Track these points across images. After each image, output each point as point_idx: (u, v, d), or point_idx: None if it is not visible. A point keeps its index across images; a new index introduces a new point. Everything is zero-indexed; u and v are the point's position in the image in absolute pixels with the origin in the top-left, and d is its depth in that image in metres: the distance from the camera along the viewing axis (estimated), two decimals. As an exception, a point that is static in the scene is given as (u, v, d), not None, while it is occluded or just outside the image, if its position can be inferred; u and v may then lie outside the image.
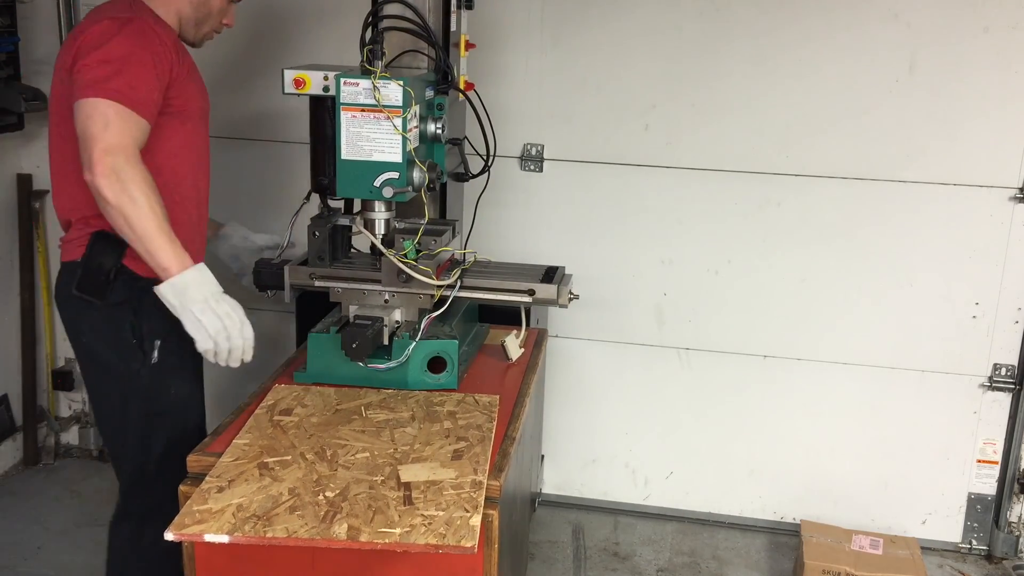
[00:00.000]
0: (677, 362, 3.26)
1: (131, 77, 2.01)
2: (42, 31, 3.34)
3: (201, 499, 1.77)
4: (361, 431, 2.05)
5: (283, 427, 2.06)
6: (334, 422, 2.09)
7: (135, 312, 2.16)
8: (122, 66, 2.00)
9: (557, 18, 3.05)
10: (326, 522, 1.70)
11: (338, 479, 1.84)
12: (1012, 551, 3.18)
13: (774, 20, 2.93)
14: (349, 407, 2.16)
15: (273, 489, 1.80)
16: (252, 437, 2.01)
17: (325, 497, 1.78)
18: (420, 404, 2.19)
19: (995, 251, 2.98)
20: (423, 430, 2.06)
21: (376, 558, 1.90)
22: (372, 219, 2.29)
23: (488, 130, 2.58)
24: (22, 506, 3.31)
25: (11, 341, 3.52)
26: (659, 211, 3.14)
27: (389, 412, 2.15)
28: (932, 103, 2.91)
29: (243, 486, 1.81)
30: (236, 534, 1.66)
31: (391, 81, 2.10)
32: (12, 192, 3.46)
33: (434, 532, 1.68)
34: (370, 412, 2.15)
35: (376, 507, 1.76)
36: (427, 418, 2.12)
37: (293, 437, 2.01)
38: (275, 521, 1.70)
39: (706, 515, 3.35)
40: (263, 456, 1.93)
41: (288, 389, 2.24)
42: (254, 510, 1.73)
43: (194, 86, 2.25)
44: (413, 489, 1.82)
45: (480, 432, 2.06)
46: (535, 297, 2.37)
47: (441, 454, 1.96)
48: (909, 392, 3.12)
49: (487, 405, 2.21)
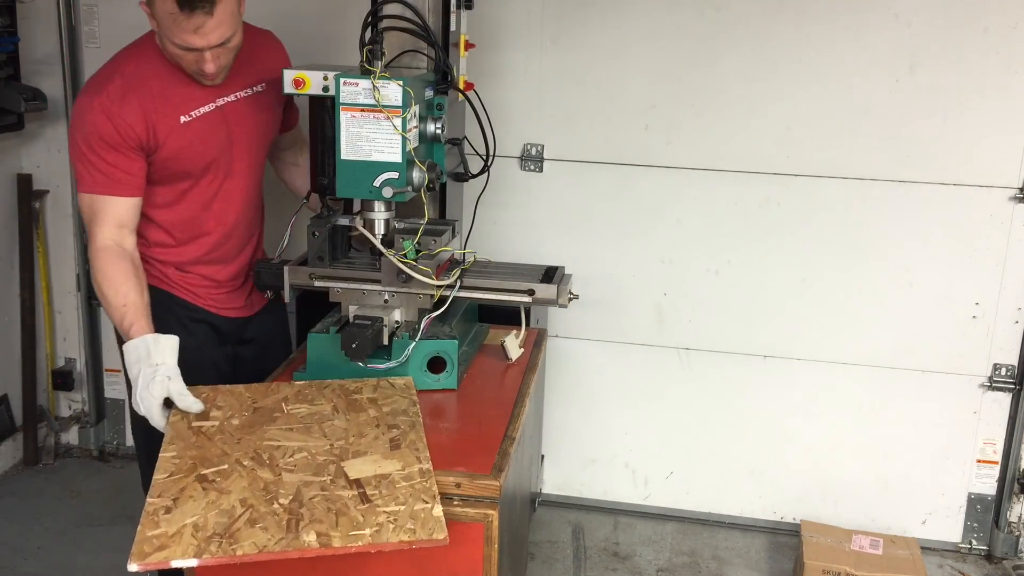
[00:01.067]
0: (677, 362, 3.26)
1: (103, 165, 2.16)
2: (42, 31, 3.34)
3: (152, 523, 1.69)
4: (289, 429, 1.98)
5: (206, 433, 1.96)
6: (257, 422, 2.01)
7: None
8: (91, 157, 2.16)
9: (557, 18, 3.05)
10: (292, 531, 1.67)
11: (286, 484, 1.80)
12: (1012, 551, 3.18)
13: (774, 20, 2.94)
14: (267, 404, 2.08)
15: (223, 503, 1.74)
16: (177, 448, 1.91)
17: (280, 504, 1.74)
18: (337, 393, 2.14)
19: (995, 251, 2.98)
20: (351, 421, 2.02)
21: (376, 559, 1.89)
22: (372, 219, 2.28)
23: (488, 130, 2.58)
24: (22, 506, 3.31)
25: (11, 341, 3.52)
26: (659, 211, 3.14)
27: (309, 405, 2.08)
28: (932, 103, 2.91)
29: (190, 504, 1.74)
30: (205, 556, 1.62)
31: (391, 81, 2.10)
32: (12, 192, 3.46)
33: (403, 528, 1.68)
34: (290, 407, 2.08)
35: (336, 509, 1.73)
36: (350, 408, 2.07)
37: (221, 444, 1.92)
38: (239, 537, 1.66)
39: (706, 515, 3.35)
40: (198, 468, 1.84)
41: (194, 389, 2.07)
42: (212, 528, 1.67)
43: (190, 148, 2.25)
44: (365, 485, 1.80)
45: (408, 417, 2.04)
46: (535, 297, 2.37)
47: (378, 445, 1.93)
48: (909, 392, 3.12)
49: (404, 388, 2.18)
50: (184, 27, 2.05)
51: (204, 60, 2.14)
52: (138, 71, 2.18)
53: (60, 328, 3.61)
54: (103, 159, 2.15)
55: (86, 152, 2.15)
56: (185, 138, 2.23)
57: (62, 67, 3.33)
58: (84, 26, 3.31)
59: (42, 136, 3.45)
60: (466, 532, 1.89)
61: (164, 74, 2.21)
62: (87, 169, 2.16)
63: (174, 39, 2.09)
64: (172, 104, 2.22)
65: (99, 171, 2.16)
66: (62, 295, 3.58)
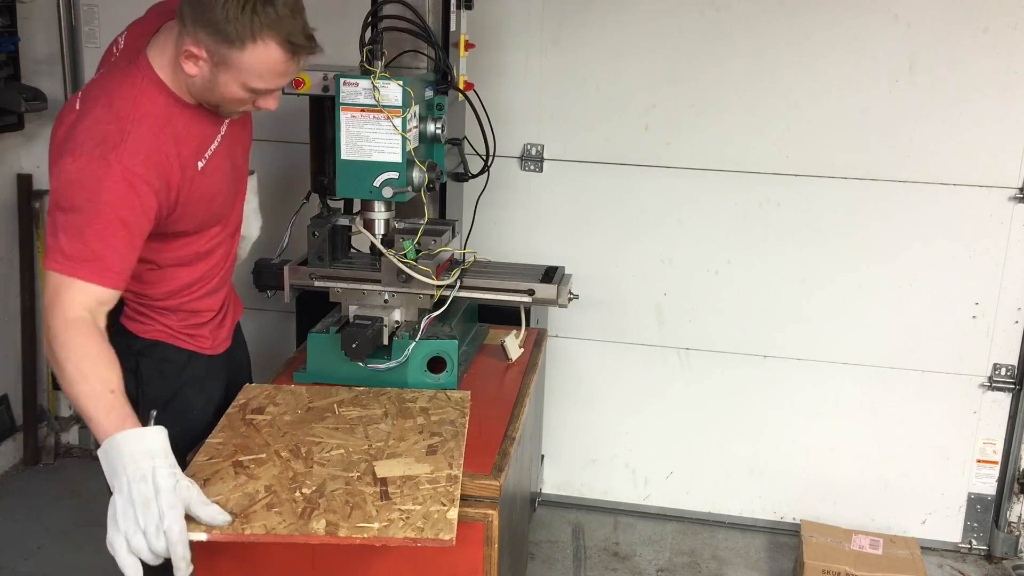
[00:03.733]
0: (677, 362, 3.26)
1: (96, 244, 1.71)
2: (42, 31, 3.34)
3: None
4: (335, 428, 2.04)
5: (256, 425, 2.04)
6: (307, 420, 2.07)
7: (136, 376, 1.97)
8: (89, 234, 1.70)
9: (557, 18, 3.05)
10: (303, 518, 1.71)
11: (314, 476, 1.84)
12: (1012, 551, 3.18)
13: (774, 20, 2.93)
14: (321, 405, 2.15)
15: (249, 487, 1.80)
16: (225, 436, 1.99)
17: (302, 494, 1.78)
18: (393, 401, 2.18)
19: (995, 251, 2.98)
20: (396, 426, 2.05)
21: (377, 559, 1.90)
22: (372, 219, 2.28)
23: (488, 130, 2.58)
24: (22, 506, 3.31)
25: (11, 341, 3.52)
26: (659, 211, 3.14)
27: (362, 409, 2.14)
28: (932, 103, 2.91)
29: (219, 484, 1.80)
30: (214, 532, 1.66)
31: (391, 81, 2.10)
32: (12, 192, 3.46)
33: (412, 526, 1.69)
34: (343, 409, 2.13)
35: (353, 502, 1.76)
36: (400, 414, 2.11)
37: (267, 435, 2.00)
38: (253, 518, 1.70)
39: (706, 515, 3.35)
40: (237, 455, 1.91)
41: (260, 388, 2.21)
42: (231, 508, 1.72)
43: (203, 204, 1.93)
44: (389, 484, 1.82)
45: (453, 427, 2.06)
46: (535, 297, 2.37)
47: (415, 449, 1.95)
48: (909, 392, 3.12)
49: (459, 401, 2.20)
50: (281, 71, 1.80)
51: (272, 98, 1.88)
52: (151, 120, 1.79)
53: (60, 328, 3.60)
54: (104, 239, 1.71)
55: (82, 226, 1.69)
56: (198, 185, 1.90)
57: (62, 67, 3.33)
58: (84, 26, 3.32)
59: (42, 136, 3.45)
60: (466, 532, 1.89)
61: (175, 114, 1.84)
62: (73, 244, 1.69)
63: (255, 84, 1.80)
64: (190, 149, 1.87)
65: (90, 251, 1.69)
66: (62, 295, 3.57)
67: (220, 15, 1.72)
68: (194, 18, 1.75)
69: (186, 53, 1.77)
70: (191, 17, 1.75)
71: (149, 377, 2.01)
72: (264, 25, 1.74)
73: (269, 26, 1.74)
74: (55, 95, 3.35)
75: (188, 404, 2.07)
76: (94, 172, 1.70)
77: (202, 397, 2.11)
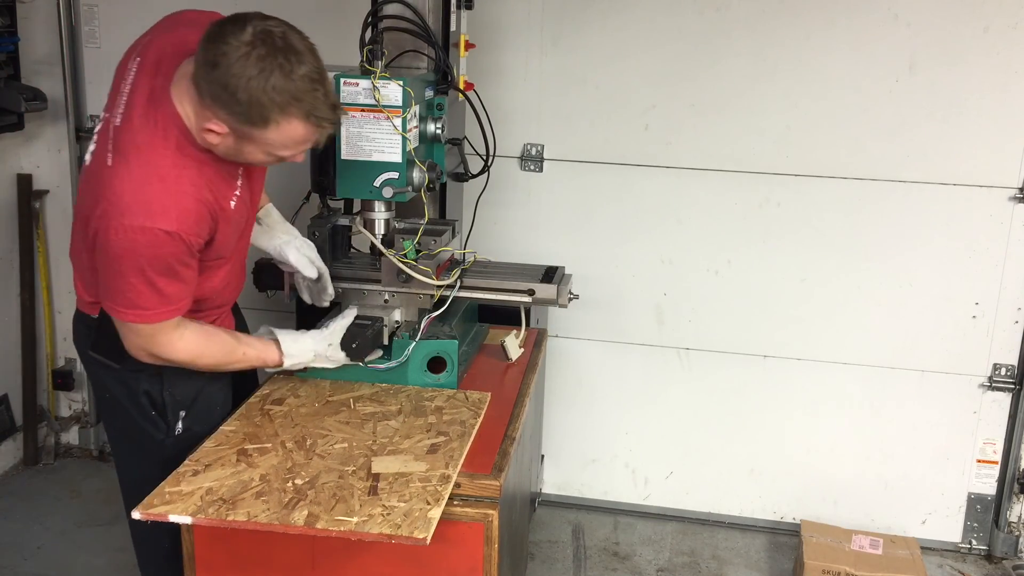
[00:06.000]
0: (677, 362, 3.26)
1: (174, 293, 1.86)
2: (42, 31, 3.34)
3: (175, 481, 1.81)
4: (345, 423, 2.08)
5: (271, 416, 2.10)
6: (322, 413, 2.12)
7: (160, 379, 2.02)
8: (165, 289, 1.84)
9: (557, 18, 3.05)
10: (287, 508, 1.74)
11: (311, 468, 1.88)
12: (1012, 551, 3.18)
13: (774, 20, 2.93)
14: (339, 399, 2.19)
15: (245, 475, 1.84)
16: (238, 424, 2.06)
17: (294, 484, 1.82)
18: (410, 399, 2.22)
19: (995, 251, 2.98)
20: (406, 424, 2.09)
21: (377, 558, 1.90)
22: (372, 219, 2.29)
23: (488, 130, 2.58)
24: (22, 506, 3.31)
25: (11, 341, 3.52)
26: (659, 211, 3.14)
27: (378, 405, 2.18)
28: (932, 103, 2.91)
29: (218, 470, 1.86)
30: (199, 516, 1.71)
31: (391, 81, 2.11)
32: (12, 192, 3.46)
33: (389, 522, 1.71)
34: (359, 405, 2.17)
35: (340, 496, 1.79)
36: (414, 412, 2.15)
37: (278, 426, 2.05)
38: (239, 505, 1.74)
39: (706, 515, 3.35)
40: (245, 443, 1.97)
41: (285, 380, 2.27)
42: (222, 494, 1.77)
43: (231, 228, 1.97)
44: (381, 480, 1.85)
45: (462, 428, 2.08)
46: (535, 297, 2.37)
47: (417, 447, 1.98)
48: (909, 392, 3.12)
49: (476, 401, 2.22)
50: (306, 140, 1.83)
51: (299, 156, 1.90)
52: (187, 178, 1.81)
53: (60, 328, 3.60)
54: (172, 286, 1.84)
55: (152, 279, 1.80)
56: (231, 220, 1.96)
57: (62, 67, 3.32)
58: (84, 26, 3.31)
59: (42, 136, 3.45)
60: (466, 532, 1.90)
61: (205, 162, 1.85)
62: (151, 297, 1.83)
63: (281, 153, 1.83)
64: (222, 192, 1.90)
65: (163, 298, 1.84)
66: (62, 295, 3.57)
67: (241, 96, 1.70)
68: (213, 96, 1.72)
69: (207, 129, 1.77)
70: (210, 95, 1.73)
71: (173, 381, 2.04)
72: (285, 104, 1.72)
73: (290, 104, 1.73)
74: (55, 95, 3.35)
75: (212, 401, 2.11)
76: (153, 240, 1.76)
77: (224, 393, 2.17)
